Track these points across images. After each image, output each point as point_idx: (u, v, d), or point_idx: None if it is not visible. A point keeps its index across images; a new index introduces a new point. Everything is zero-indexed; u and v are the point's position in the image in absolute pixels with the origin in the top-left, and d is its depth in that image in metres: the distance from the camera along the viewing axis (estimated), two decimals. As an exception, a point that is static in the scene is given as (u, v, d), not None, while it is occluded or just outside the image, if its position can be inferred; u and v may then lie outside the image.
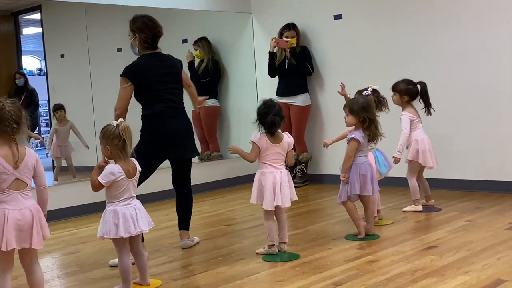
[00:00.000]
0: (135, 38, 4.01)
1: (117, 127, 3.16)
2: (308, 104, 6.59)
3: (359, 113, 4.06)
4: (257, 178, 3.79)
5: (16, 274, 3.30)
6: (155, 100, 3.98)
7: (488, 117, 5.46)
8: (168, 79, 4.03)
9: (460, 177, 5.65)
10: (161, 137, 3.97)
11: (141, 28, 3.99)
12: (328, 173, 6.59)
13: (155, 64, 4.00)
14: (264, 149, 3.77)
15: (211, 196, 6.33)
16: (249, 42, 7.26)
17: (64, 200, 5.48)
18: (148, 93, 3.97)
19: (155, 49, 4.05)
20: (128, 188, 3.22)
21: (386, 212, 4.86)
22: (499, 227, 4.20)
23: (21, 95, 6.86)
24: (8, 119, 2.70)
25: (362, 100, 4.13)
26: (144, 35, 3.98)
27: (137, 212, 3.22)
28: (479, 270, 3.28)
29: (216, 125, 7.34)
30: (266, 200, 3.72)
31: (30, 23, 7.77)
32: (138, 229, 3.19)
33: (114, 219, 3.15)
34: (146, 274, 3.35)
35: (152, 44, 4.02)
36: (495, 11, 5.37)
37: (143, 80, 3.93)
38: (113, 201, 3.19)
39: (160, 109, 3.97)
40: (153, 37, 4.01)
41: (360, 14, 6.26)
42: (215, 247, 4.16)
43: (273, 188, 3.72)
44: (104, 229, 3.17)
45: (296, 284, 3.23)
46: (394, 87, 4.92)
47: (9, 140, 2.72)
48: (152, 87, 3.96)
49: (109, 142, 3.17)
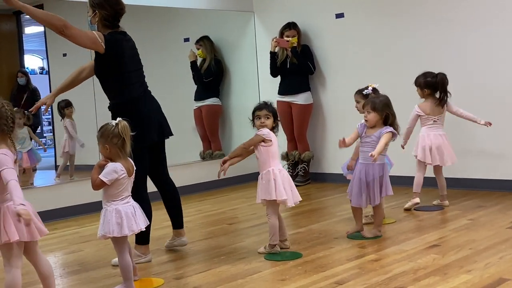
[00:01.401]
0: (94, 15, 3.70)
1: (116, 126, 3.16)
2: (310, 103, 6.58)
3: (383, 110, 4.02)
4: (277, 175, 3.72)
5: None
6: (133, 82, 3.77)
7: (491, 116, 5.45)
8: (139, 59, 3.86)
9: (462, 176, 5.65)
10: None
11: (101, 4, 3.67)
12: (330, 172, 6.58)
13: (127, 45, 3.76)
14: (275, 145, 3.79)
15: (213, 195, 6.33)
16: (251, 41, 7.26)
17: (66, 199, 5.49)
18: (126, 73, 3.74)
19: (116, 27, 3.74)
20: (127, 187, 3.23)
21: (389, 211, 4.86)
22: (502, 226, 4.20)
23: (23, 94, 6.87)
24: (7, 117, 2.73)
25: (382, 97, 4.10)
26: (105, 12, 3.67)
27: (135, 210, 3.24)
28: (482, 268, 3.27)
29: (218, 123, 7.34)
30: (290, 197, 3.73)
31: (32, 22, 7.76)
32: (138, 227, 3.22)
33: (117, 218, 3.15)
34: (135, 268, 3.37)
35: (113, 23, 3.72)
36: (499, 8, 5.36)
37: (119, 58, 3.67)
38: (113, 200, 3.19)
39: (140, 92, 3.79)
40: (115, 15, 3.71)
41: (362, 13, 6.25)
42: (217, 246, 4.16)
43: (289, 184, 3.78)
44: (106, 228, 3.17)
45: (298, 283, 3.23)
46: (415, 81, 4.94)
47: (6, 139, 2.75)
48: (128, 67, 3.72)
49: (109, 141, 3.17)
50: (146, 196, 3.75)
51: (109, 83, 3.79)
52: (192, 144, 7.30)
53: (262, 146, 3.76)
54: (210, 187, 6.60)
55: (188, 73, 7.22)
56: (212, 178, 6.70)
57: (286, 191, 3.72)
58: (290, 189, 3.77)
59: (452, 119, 5.60)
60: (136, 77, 3.81)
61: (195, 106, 7.29)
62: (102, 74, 3.80)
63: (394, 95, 4.90)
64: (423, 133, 4.90)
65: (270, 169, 3.75)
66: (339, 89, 6.42)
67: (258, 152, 3.79)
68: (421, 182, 4.91)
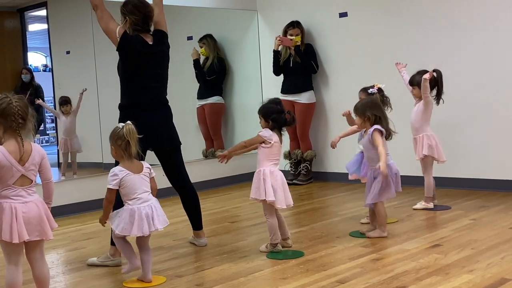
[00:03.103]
0: (125, 22, 3.83)
1: (122, 128, 3.25)
2: (313, 102, 6.58)
3: (363, 112, 4.05)
4: (267, 176, 3.74)
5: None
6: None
7: (493, 116, 5.45)
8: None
9: (464, 176, 5.64)
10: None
11: (131, 10, 3.81)
12: (333, 171, 6.59)
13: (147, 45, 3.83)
14: (275, 147, 3.78)
15: (215, 193, 6.34)
16: (254, 39, 7.26)
17: (68, 196, 5.50)
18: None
19: (147, 31, 3.87)
20: (139, 185, 3.27)
21: (391, 210, 4.85)
22: (504, 226, 4.20)
23: (26, 91, 6.87)
24: (15, 114, 2.73)
25: (366, 99, 4.13)
26: (134, 17, 3.80)
27: (153, 210, 3.28)
28: (484, 268, 3.27)
29: (220, 122, 7.35)
30: (280, 199, 3.73)
31: (36, 20, 7.78)
32: (152, 228, 3.26)
33: (131, 217, 3.23)
34: (149, 269, 3.37)
35: (143, 26, 3.85)
36: (502, 6, 5.35)
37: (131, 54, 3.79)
38: (130, 198, 3.26)
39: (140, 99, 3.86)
40: (144, 18, 3.83)
41: (366, 12, 6.25)
42: (219, 244, 4.16)
43: (283, 187, 3.77)
44: (120, 226, 3.24)
45: (300, 281, 3.24)
46: (411, 81, 4.90)
47: (15, 136, 2.75)
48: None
49: (114, 142, 3.28)
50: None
51: (120, 81, 3.92)
52: (194, 142, 7.30)
53: (262, 147, 3.78)
54: (213, 186, 6.60)
55: (191, 71, 7.23)
56: (214, 177, 6.72)
57: (277, 193, 3.71)
58: (283, 191, 3.76)
59: (457, 117, 5.60)
60: (143, 84, 3.84)
61: (198, 105, 7.29)
62: (118, 71, 3.94)
63: (398, 94, 4.94)
64: (430, 133, 4.84)
65: (262, 169, 3.76)
66: (342, 88, 6.41)
67: (258, 150, 3.81)
68: (432, 184, 4.84)
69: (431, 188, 4.85)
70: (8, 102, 2.73)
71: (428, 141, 4.82)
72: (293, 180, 6.51)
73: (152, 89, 3.89)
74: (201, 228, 4.15)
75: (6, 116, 2.73)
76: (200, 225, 4.15)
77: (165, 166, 4.06)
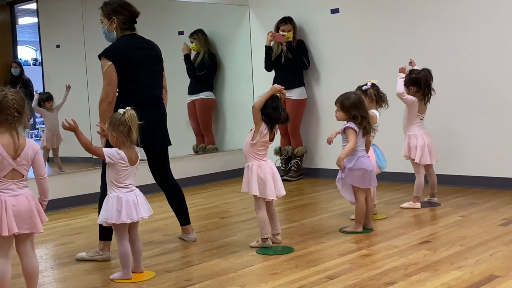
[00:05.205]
0: (111, 22, 3.77)
1: (123, 114, 3.24)
2: (304, 98, 6.58)
3: (349, 110, 4.05)
4: (254, 170, 3.73)
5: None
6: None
7: (485, 114, 5.47)
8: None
9: (454, 173, 5.66)
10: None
11: (117, 10, 3.76)
12: (323, 167, 6.59)
13: (136, 46, 3.81)
14: (264, 142, 3.76)
15: (205, 188, 6.33)
16: (245, 35, 7.24)
17: (56, 191, 5.45)
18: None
19: (134, 30, 3.84)
20: (129, 175, 3.30)
21: (381, 206, 4.87)
22: (493, 223, 4.22)
23: (16, 85, 6.82)
24: (10, 107, 2.71)
25: (353, 96, 4.11)
26: (122, 17, 3.76)
27: (138, 198, 3.30)
28: (472, 265, 3.29)
29: (211, 117, 7.33)
30: (269, 191, 3.72)
31: (26, 13, 7.73)
32: (139, 215, 3.28)
33: (117, 205, 3.23)
34: (140, 261, 3.39)
35: (131, 25, 3.81)
36: (497, 5, 5.37)
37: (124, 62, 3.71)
38: (117, 186, 3.26)
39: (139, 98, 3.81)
40: (131, 17, 3.80)
41: (357, 8, 6.25)
42: (209, 239, 4.16)
43: (272, 179, 3.75)
44: (106, 214, 3.24)
45: (290, 277, 3.24)
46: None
47: (11, 129, 2.74)
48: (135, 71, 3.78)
49: (115, 128, 3.25)
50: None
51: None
52: (185, 137, 7.28)
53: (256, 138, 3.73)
54: (203, 181, 6.59)
55: (182, 66, 7.20)
56: (204, 172, 6.71)
57: (266, 184, 3.70)
58: (273, 182, 3.75)
59: (449, 115, 5.62)
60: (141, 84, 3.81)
61: (189, 100, 7.28)
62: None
63: (388, 91, 4.92)
64: (414, 133, 4.78)
65: (250, 163, 3.76)
66: (333, 84, 6.41)
67: (245, 144, 3.78)
68: (422, 184, 4.80)
69: (421, 188, 4.81)
70: (3, 95, 2.72)
71: (409, 141, 4.78)
72: (284, 176, 6.50)
73: (149, 87, 3.88)
74: (189, 223, 4.14)
75: (2, 110, 2.71)
76: (187, 220, 4.13)
77: (153, 164, 4.04)
